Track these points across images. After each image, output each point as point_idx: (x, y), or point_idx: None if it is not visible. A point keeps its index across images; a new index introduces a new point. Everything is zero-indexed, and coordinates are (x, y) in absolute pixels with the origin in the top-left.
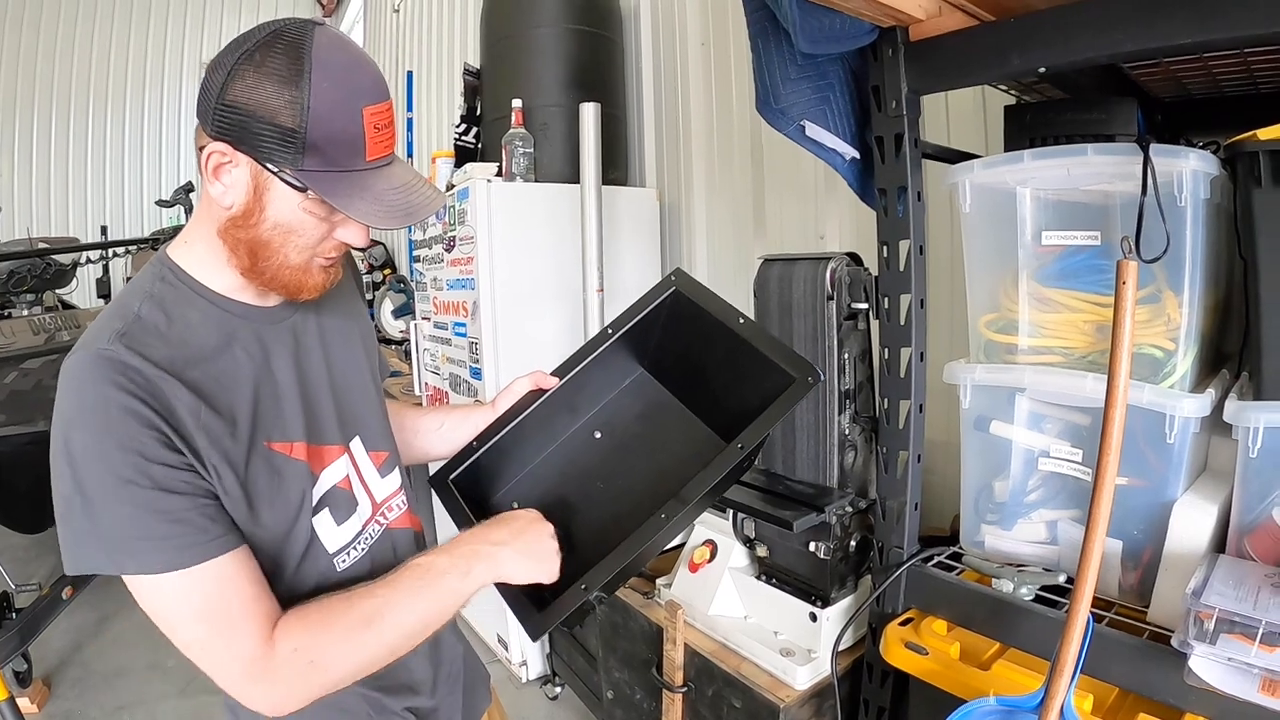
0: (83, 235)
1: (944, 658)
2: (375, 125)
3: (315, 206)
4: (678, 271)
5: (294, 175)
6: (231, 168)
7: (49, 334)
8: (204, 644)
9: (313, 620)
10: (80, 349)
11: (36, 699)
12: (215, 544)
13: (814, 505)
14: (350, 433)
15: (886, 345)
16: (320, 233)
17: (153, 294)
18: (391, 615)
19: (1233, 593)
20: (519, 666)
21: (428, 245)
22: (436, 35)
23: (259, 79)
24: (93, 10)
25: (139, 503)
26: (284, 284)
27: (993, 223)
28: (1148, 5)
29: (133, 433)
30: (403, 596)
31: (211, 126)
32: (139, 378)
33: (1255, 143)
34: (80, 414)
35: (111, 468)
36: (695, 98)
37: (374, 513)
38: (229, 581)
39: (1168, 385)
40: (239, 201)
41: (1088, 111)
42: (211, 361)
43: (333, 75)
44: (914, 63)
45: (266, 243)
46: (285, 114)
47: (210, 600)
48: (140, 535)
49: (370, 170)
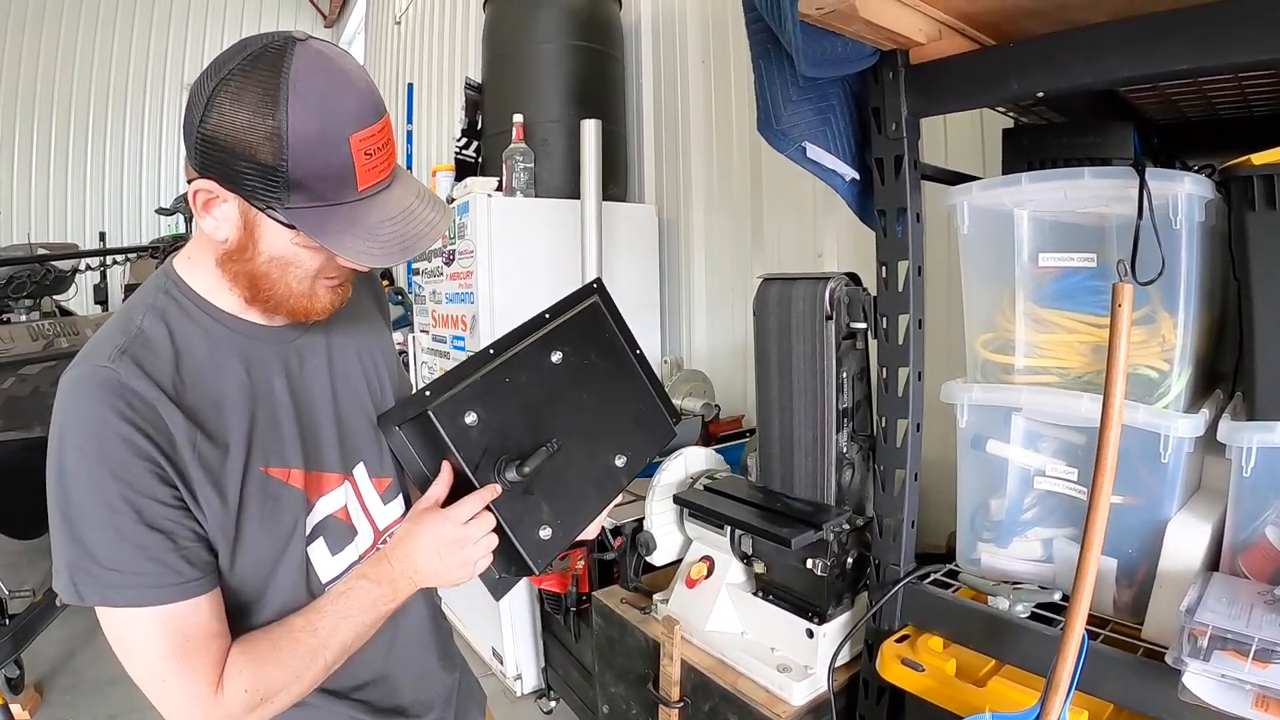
0: (82, 242)
1: (940, 674)
2: (365, 152)
3: (308, 241)
4: (599, 281)
5: (281, 213)
6: (220, 203)
7: (47, 340)
8: (163, 680)
9: (263, 659)
10: (81, 363)
11: (29, 706)
12: (189, 587)
13: (812, 523)
14: (353, 460)
15: (884, 365)
16: (318, 261)
17: (155, 306)
18: (334, 644)
19: (1226, 610)
20: (514, 680)
21: (427, 258)
22: (438, 48)
23: (235, 109)
24: (95, 17)
25: (122, 534)
26: (290, 309)
27: (990, 244)
28: (1144, 32)
29: (126, 462)
30: (341, 624)
31: (196, 161)
32: (138, 402)
33: (1249, 167)
34: (76, 434)
35: (101, 494)
36: (695, 115)
37: (375, 541)
38: (194, 624)
39: (1162, 405)
40: (231, 236)
41: (1084, 135)
42: (211, 381)
43: (311, 105)
44: (914, 86)
45: (264, 275)
46: (264, 150)
47: (172, 640)
48: (115, 567)
49: (364, 200)
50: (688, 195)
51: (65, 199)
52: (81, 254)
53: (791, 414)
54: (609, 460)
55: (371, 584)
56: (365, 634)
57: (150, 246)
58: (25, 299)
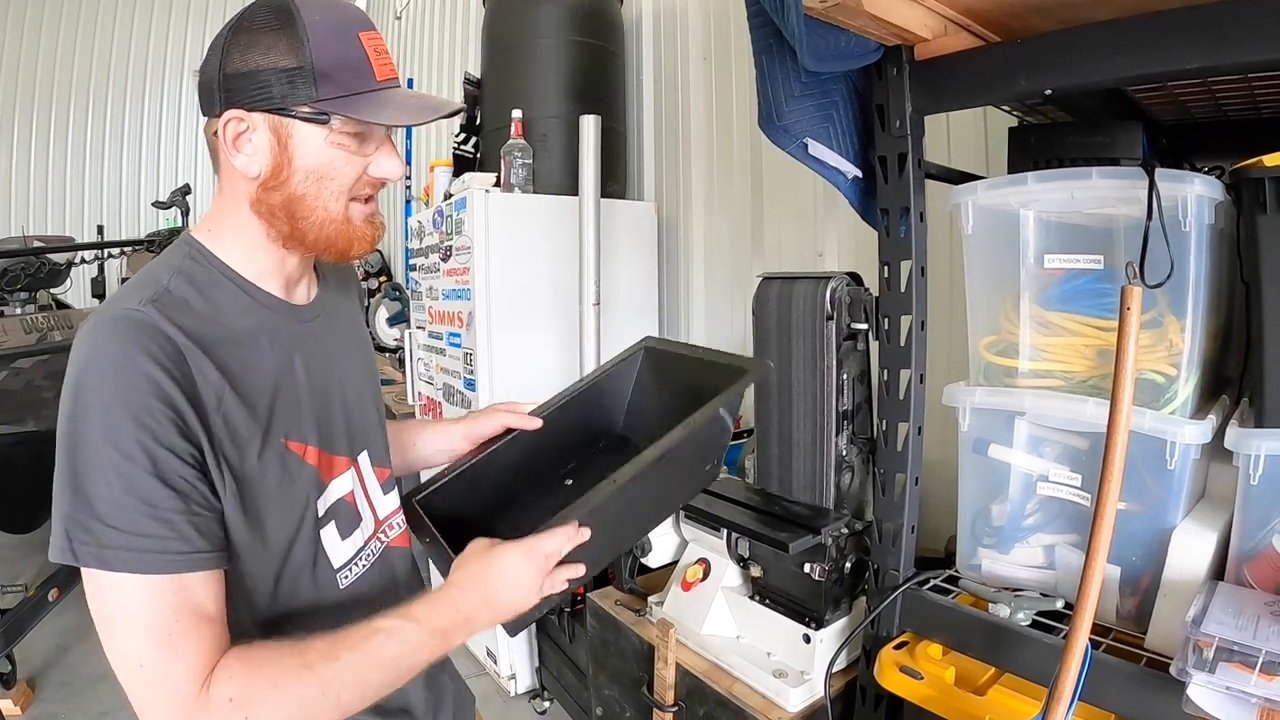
0: (78, 235)
1: (939, 682)
2: (375, 49)
3: (343, 138)
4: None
5: (313, 109)
6: (251, 133)
7: (41, 333)
8: (142, 662)
9: (260, 674)
10: (106, 309)
11: (20, 701)
12: (193, 559)
13: (810, 526)
14: (359, 446)
15: (886, 367)
16: (354, 170)
17: (182, 270)
18: (353, 683)
19: (1232, 621)
20: (508, 680)
21: (424, 254)
22: (438, 43)
23: (252, 40)
24: (94, 10)
25: (130, 486)
26: (330, 242)
27: (995, 244)
28: (1153, 29)
29: (148, 405)
30: (367, 666)
31: (220, 101)
32: (169, 345)
33: (1261, 169)
34: (96, 369)
35: (114, 437)
36: (696, 112)
37: (376, 530)
38: (191, 602)
39: (1169, 411)
40: (265, 163)
41: (1092, 134)
42: (239, 345)
43: (321, 10)
44: (919, 82)
45: (302, 197)
46: (288, 56)
47: (161, 617)
48: (118, 525)
49: (383, 90)
50: (688, 193)
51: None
52: (77, 247)
53: (790, 415)
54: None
55: (420, 629)
56: (395, 684)
57: (147, 240)
58: (20, 292)
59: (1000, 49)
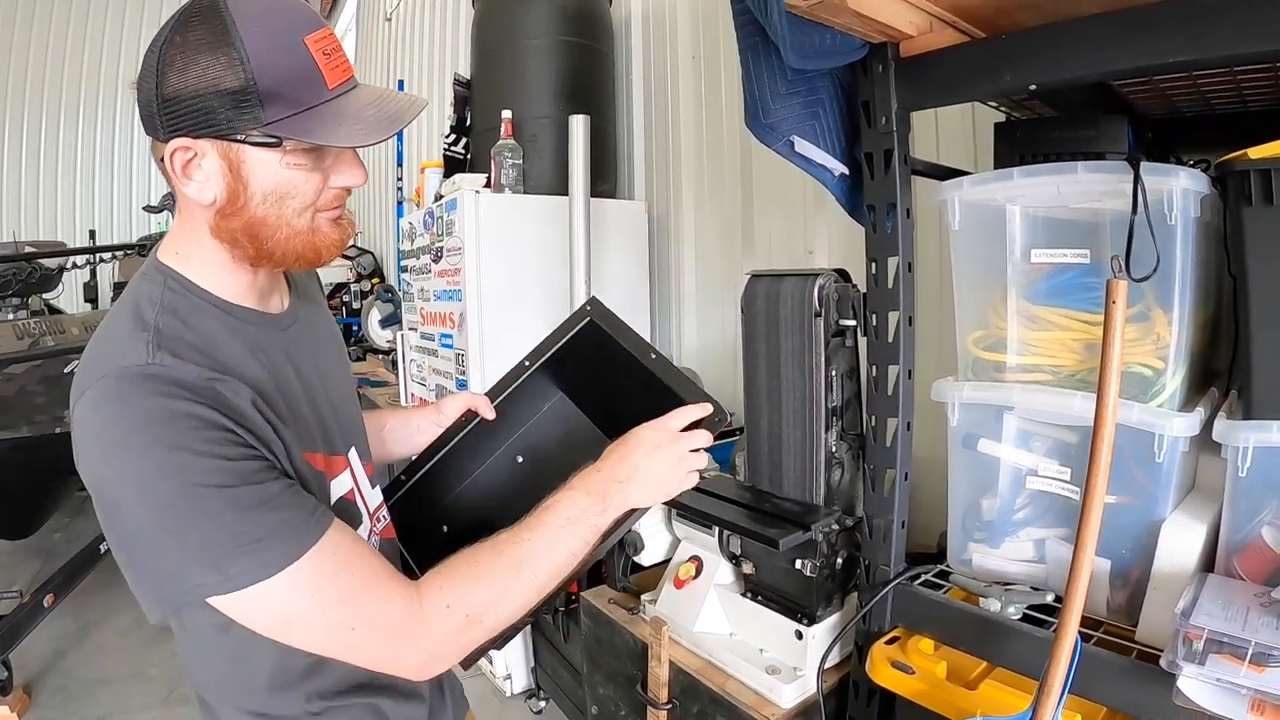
0: (71, 240)
1: (930, 677)
2: (323, 52)
3: (298, 158)
4: (592, 300)
5: (263, 133)
6: (200, 160)
7: (33, 339)
8: (351, 624)
9: (462, 574)
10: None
11: (17, 707)
12: (323, 516)
13: (800, 523)
14: (348, 443)
15: (874, 362)
16: (314, 185)
17: (164, 304)
18: (541, 558)
19: (1222, 613)
20: (503, 680)
21: (415, 255)
22: (427, 44)
23: (188, 60)
24: (85, 12)
25: (237, 504)
26: (299, 254)
27: (982, 240)
28: (1138, 24)
29: (206, 437)
30: (549, 538)
31: (162, 128)
32: (193, 386)
33: (1246, 161)
34: (136, 436)
35: (192, 479)
36: (685, 111)
37: (370, 525)
38: (349, 550)
39: (1157, 404)
40: (219, 190)
41: (1078, 129)
42: (239, 369)
43: (258, 22)
44: (904, 79)
45: (263, 219)
46: (228, 78)
47: (340, 576)
48: (250, 537)
49: (337, 98)
50: (678, 192)
51: (55, 197)
52: (68, 252)
53: (780, 412)
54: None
55: (579, 492)
56: (576, 551)
57: (139, 244)
58: (11, 297)
59: (985, 45)
